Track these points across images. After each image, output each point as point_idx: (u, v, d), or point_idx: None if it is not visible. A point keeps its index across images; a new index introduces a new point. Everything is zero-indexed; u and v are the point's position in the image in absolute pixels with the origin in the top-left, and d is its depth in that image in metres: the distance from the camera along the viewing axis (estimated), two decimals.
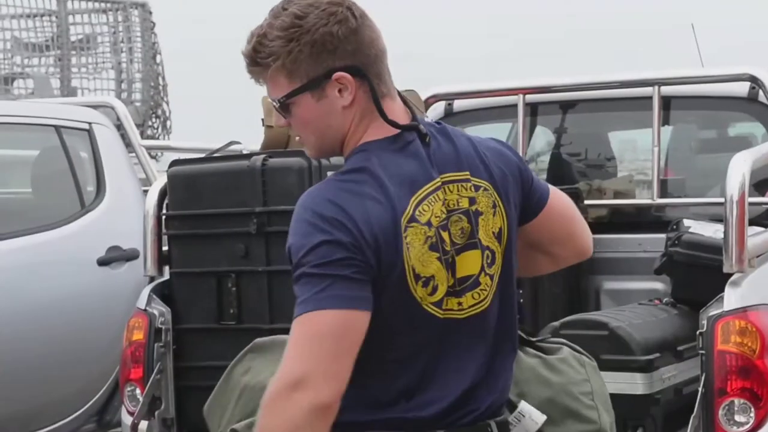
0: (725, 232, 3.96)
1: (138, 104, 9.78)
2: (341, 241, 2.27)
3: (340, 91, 2.38)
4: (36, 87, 9.35)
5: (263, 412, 2.25)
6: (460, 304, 2.41)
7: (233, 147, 5.34)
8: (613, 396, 4.03)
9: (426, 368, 2.39)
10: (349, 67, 2.37)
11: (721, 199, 4.07)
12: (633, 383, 4.05)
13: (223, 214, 4.47)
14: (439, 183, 2.39)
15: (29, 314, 5.44)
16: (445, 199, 2.39)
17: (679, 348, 4.27)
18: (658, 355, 4.11)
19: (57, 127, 5.85)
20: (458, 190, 2.41)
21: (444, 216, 2.38)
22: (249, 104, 5.30)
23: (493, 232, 2.45)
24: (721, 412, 3.84)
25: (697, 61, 7.42)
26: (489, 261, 2.44)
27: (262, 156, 4.45)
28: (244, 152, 5.08)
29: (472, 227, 2.42)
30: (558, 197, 2.66)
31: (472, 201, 2.42)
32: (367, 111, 2.40)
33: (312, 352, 2.24)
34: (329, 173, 4.43)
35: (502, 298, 2.49)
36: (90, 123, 5.98)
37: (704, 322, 3.90)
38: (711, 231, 4.57)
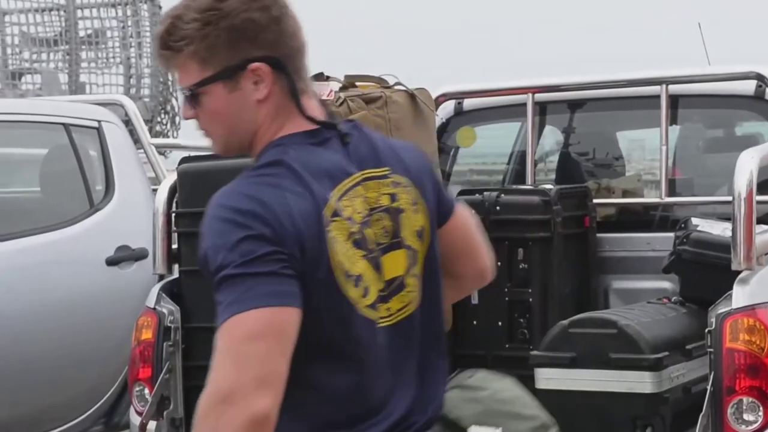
0: (733, 230, 3.97)
1: (147, 100, 9.78)
2: (264, 235, 2.09)
3: (255, 83, 2.22)
4: (44, 82, 9.36)
5: None
6: (389, 309, 2.26)
7: None
8: (622, 395, 4.07)
9: (367, 384, 2.23)
10: (268, 58, 2.21)
11: (729, 198, 4.07)
12: (642, 382, 4.05)
13: None
14: (360, 178, 2.26)
15: (37, 314, 5.44)
16: (366, 196, 2.25)
17: (688, 346, 4.27)
18: (666, 353, 4.11)
19: (66, 126, 5.85)
20: (378, 187, 2.28)
21: (366, 213, 2.24)
22: None
23: (416, 231, 2.32)
24: (729, 410, 3.84)
25: (703, 60, 7.42)
26: (412, 261, 2.31)
27: None
28: None
29: (395, 225, 2.28)
30: (464, 209, 2.53)
31: (393, 197, 2.29)
32: (282, 107, 2.25)
33: (241, 359, 2.04)
34: None
35: (428, 302, 2.34)
36: (99, 121, 5.98)
37: (713, 320, 3.91)
38: (719, 229, 4.57)
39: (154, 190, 5.23)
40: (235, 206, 2.14)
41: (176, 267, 4.68)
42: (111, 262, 5.73)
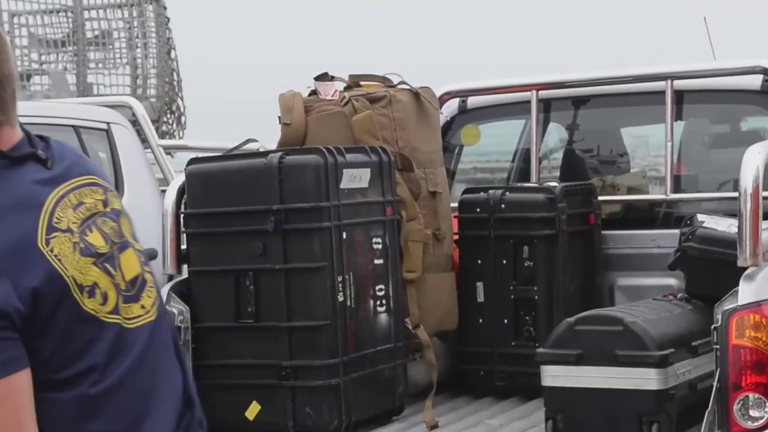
0: (739, 226, 3.97)
1: (153, 100, 9.79)
2: None
3: None
4: (52, 84, 9.39)
5: None
6: (143, 307, 2.19)
7: (250, 145, 5.37)
8: (628, 392, 4.08)
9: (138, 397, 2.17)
10: None
11: (735, 194, 4.08)
12: (648, 379, 4.06)
13: (240, 212, 4.50)
14: (68, 188, 2.14)
15: None
16: (79, 203, 2.15)
17: (694, 343, 4.28)
18: (672, 350, 4.12)
19: (75, 128, 5.88)
20: (91, 194, 2.18)
21: (81, 219, 2.14)
22: (266, 102, 5.33)
23: (131, 232, 2.25)
24: (735, 407, 3.85)
25: (709, 54, 7.42)
26: (142, 259, 2.24)
27: (279, 154, 4.48)
28: (261, 150, 5.11)
29: (118, 226, 2.21)
30: None
31: (105, 202, 2.20)
32: None
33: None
34: (344, 170, 4.53)
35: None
36: (108, 123, 6.01)
37: (719, 316, 3.91)
38: (725, 226, 4.58)
39: (163, 191, 5.25)
40: None
41: (185, 267, 4.71)
42: None
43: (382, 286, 4.62)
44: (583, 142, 5.99)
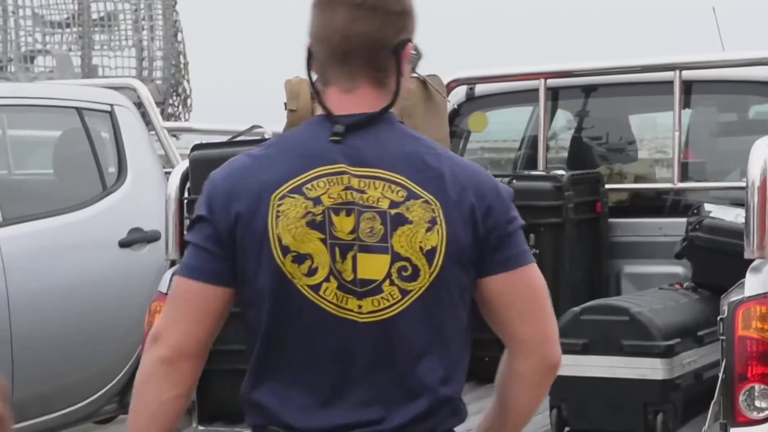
0: (746, 218, 3.96)
1: (159, 82, 9.77)
2: (204, 217, 2.34)
3: None
4: (57, 65, 9.36)
5: None
6: (360, 306, 2.27)
7: (256, 131, 5.35)
8: (633, 381, 4.07)
9: (325, 376, 2.31)
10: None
11: (743, 183, 4.06)
12: (653, 368, 4.05)
13: None
14: (343, 169, 2.28)
15: (51, 296, 5.47)
16: (350, 187, 2.27)
17: (700, 333, 4.27)
18: (678, 340, 4.11)
19: (79, 109, 5.87)
20: (382, 189, 2.28)
21: (341, 201, 2.27)
22: (272, 88, 5.30)
23: (421, 247, 2.27)
24: (741, 397, 3.84)
25: (718, 44, 7.40)
26: (406, 274, 2.27)
27: None
28: (266, 136, 5.09)
29: (386, 230, 2.27)
30: (532, 274, 2.37)
31: (394, 204, 2.27)
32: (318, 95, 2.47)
33: (166, 312, 2.40)
34: None
35: (418, 323, 2.29)
36: (112, 105, 6.00)
37: (725, 307, 3.90)
38: (732, 215, 4.57)
39: (167, 173, 5.24)
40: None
41: None
42: (124, 244, 5.75)
43: None
44: (590, 130, 5.98)
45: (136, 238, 5.78)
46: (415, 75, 4.99)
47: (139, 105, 6.56)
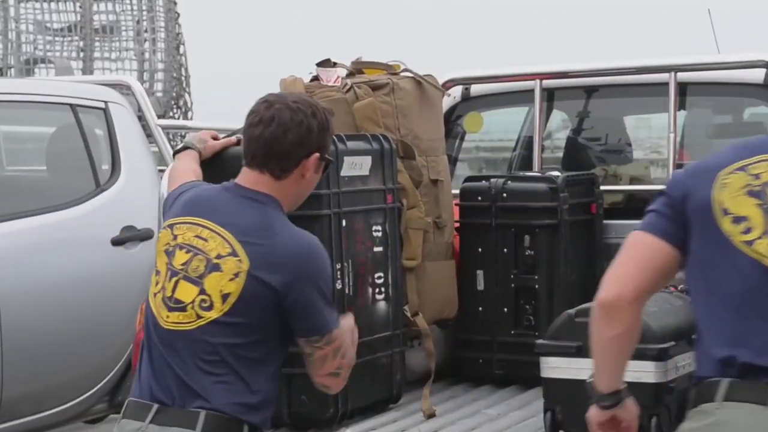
0: None
1: (159, 95, 9.74)
2: (665, 191, 3.02)
3: None
4: (57, 72, 9.33)
5: None
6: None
7: None
8: (627, 384, 4.05)
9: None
10: None
11: None
12: (647, 372, 4.04)
13: None
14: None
15: (42, 294, 5.44)
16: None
17: (694, 336, 4.25)
18: (673, 343, 4.11)
19: (72, 106, 5.84)
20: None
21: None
22: (268, 85, 5.28)
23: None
24: None
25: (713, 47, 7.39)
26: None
27: None
28: None
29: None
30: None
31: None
32: None
33: (615, 261, 2.90)
34: (345, 158, 4.48)
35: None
36: (106, 102, 5.97)
37: None
38: None
39: (161, 171, 5.22)
40: None
41: None
42: (116, 242, 5.72)
43: (381, 274, 4.60)
44: (586, 131, 5.97)
45: (129, 236, 5.76)
46: (410, 75, 4.97)
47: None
